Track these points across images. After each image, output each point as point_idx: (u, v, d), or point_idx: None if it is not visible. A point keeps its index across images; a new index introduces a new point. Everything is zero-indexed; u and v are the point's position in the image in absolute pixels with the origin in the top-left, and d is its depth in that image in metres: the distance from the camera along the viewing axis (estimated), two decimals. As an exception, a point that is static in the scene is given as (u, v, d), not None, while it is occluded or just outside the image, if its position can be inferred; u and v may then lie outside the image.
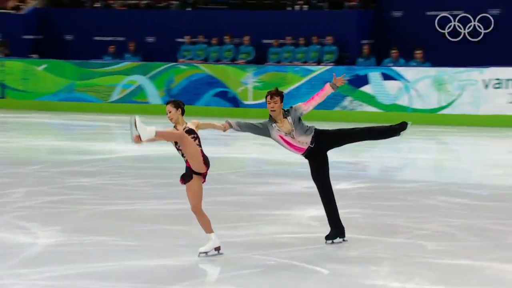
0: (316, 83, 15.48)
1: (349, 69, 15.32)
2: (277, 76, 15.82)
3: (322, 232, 6.32)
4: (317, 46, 16.61)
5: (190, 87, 16.42)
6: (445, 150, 12.61)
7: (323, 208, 6.17)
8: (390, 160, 10.82)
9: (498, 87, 14.25)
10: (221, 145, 12.39)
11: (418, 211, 7.10)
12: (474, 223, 6.60)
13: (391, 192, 8.17)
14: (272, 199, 7.64)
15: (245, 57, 17.16)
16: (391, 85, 14.96)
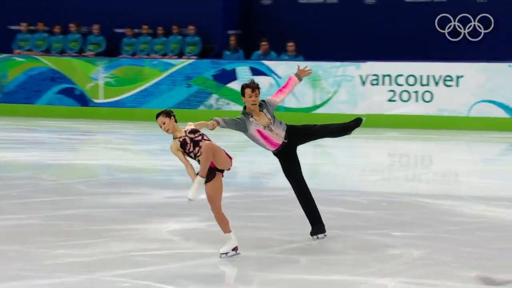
0: (178, 78, 15.48)
1: (215, 63, 15.44)
2: (133, 70, 15.67)
3: (184, 248, 6.31)
4: (178, 36, 16.60)
5: (28, 83, 15.89)
6: (320, 153, 12.99)
7: (300, 205, 6.71)
8: (262, 166, 10.99)
9: (375, 84, 14.88)
10: (67, 150, 12.08)
11: (291, 222, 7.25)
12: (351, 234, 6.83)
13: (262, 201, 8.29)
14: (126, 212, 7.54)
15: (95, 48, 16.84)
16: (261, 81, 15.23)
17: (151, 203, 7.97)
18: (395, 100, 14.78)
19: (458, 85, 14.50)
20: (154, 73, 15.59)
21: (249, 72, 15.27)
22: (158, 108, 12.85)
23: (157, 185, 8.96)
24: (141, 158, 11.31)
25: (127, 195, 8.39)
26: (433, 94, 14.62)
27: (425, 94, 14.68)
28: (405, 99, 14.76)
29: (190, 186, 6.05)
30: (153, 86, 15.58)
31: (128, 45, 16.80)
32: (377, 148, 13.00)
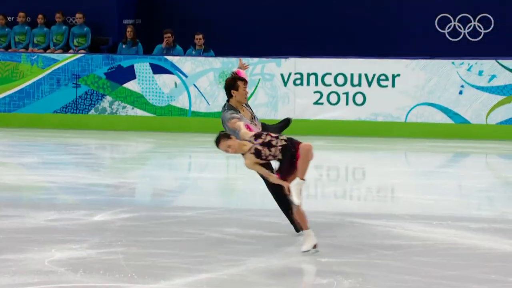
0: (63, 77, 15.30)
1: (108, 59, 15.34)
2: (6, 67, 15.43)
3: (69, 280, 6.24)
4: (63, 26, 16.43)
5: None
6: (235, 166, 13.05)
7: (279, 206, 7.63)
8: (164, 181, 10.97)
9: (299, 84, 15.06)
10: None
11: (199, 248, 7.27)
12: (271, 260, 6.89)
13: (164, 223, 8.28)
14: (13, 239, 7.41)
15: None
16: (164, 80, 15.21)
17: (30, 228, 7.86)
18: (322, 103, 14.98)
19: (394, 86, 14.81)
20: (34, 71, 15.36)
21: (150, 69, 15.23)
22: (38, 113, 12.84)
23: (38, 206, 8.83)
24: (19, 173, 11.12)
25: (1, 218, 8.24)
26: (366, 96, 14.89)
27: (356, 96, 14.94)
28: (334, 101, 14.98)
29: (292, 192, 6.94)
30: (32, 86, 15.34)
31: (0, 36, 16.52)
32: (301, 159, 13.14)
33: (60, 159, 12.68)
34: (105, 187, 10.20)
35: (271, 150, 7.02)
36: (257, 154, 7.03)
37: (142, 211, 8.76)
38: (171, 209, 8.97)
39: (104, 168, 11.98)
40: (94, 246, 7.18)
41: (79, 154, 13.28)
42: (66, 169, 11.56)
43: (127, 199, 9.63)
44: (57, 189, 10.04)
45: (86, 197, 9.57)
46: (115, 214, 8.55)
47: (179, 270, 6.61)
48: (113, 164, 12.53)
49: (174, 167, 12.56)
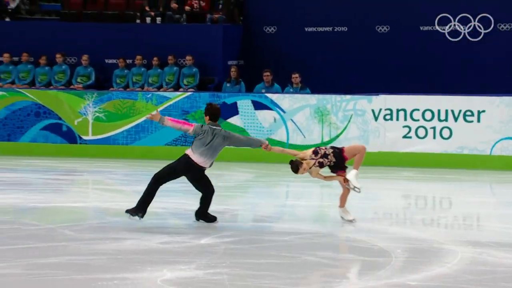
0: (174, 113, 15.54)
1: (214, 96, 15.51)
2: (124, 104, 15.74)
3: (180, 299, 6.29)
4: (174, 67, 16.72)
5: (10, 119, 15.96)
6: (328, 195, 12.98)
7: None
8: (264, 208, 10.98)
9: (389, 119, 14.91)
10: (52, 191, 12.11)
11: (296, 270, 7.24)
12: (364, 285, 6.80)
13: (264, 247, 8.28)
14: (116, 260, 7.53)
15: (83, 80, 16.95)
16: (264, 115, 15.29)
17: (143, 250, 7.96)
18: (411, 136, 14.80)
19: (480, 121, 14.53)
20: (148, 107, 15.66)
21: (251, 106, 15.33)
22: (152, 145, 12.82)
23: (151, 230, 8.95)
24: (134, 200, 11.31)
25: (118, 240, 8.37)
26: (452, 130, 14.65)
27: (443, 130, 14.71)
28: (422, 135, 14.78)
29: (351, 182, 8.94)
30: (146, 121, 15.63)
31: (120, 77, 16.90)
32: (391, 189, 12.99)
33: (170, 187, 12.82)
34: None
35: (328, 158, 9.06)
36: (321, 165, 9.04)
37: (244, 235, 8.78)
38: (270, 234, 8.97)
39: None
40: (201, 267, 7.22)
41: (186, 183, 13.38)
42: (175, 196, 11.69)
43: (230, 225, 9.68)
44: (168, 214, 10.16)
45: (194, 222, 9.65)
46: (219, 238, 8.59)
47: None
48: (217, 192, 12.61)
49: (273, 195, 12.57)
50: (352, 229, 9.34)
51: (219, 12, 17.23)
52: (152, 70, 16.79)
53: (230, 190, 12.89)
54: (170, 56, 16.66)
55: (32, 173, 14.11)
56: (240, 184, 13.81)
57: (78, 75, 16.97)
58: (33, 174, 13.98)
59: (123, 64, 16.88)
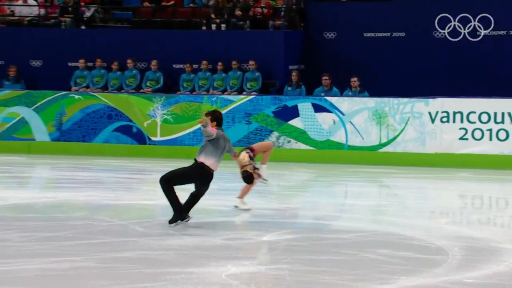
0: (237, 115, 15.63)
1: (276, 99, 15.55)
2: (191, 107, 15.87)
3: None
4: (237, 72, 16.81)
5: (85, 120, 16.26)
6: (386, 194, 12.90)
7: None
8: (324, 207, 10.97)
9: (445, 121, 14.75)
10: (123, 189, 12.29)
11: (354, 267, 7.22)
12: (421, 281, 6.76)
13: (324, 244, 8.28)
14: (183, 255, 7.62)
15: (152, 84, 17.17)
16: (324, 118, 15.26)
17: (208, 246, 8.03)
18: (467, 138, 14.60)
19: (536, 123, 14.27)
20: (213, 110, 15.75)
21: (311, 108, 15.32)
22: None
23: (216, 227, 9.02)
24: (201, 199, 11.41)
25: (184, 237, 8.47)
26: (509, 132, 14.41)
27: (499, 132, 14.47)
28: (478, 137, 14.57)
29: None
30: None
31: (186, 81, 17.06)
32: (447, 189, 12.84)
33: (234, 186, 12.92)
34: (272, 211, 10.31)
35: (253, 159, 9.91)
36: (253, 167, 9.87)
37: (304, 233, 8.79)
38: (329, 232, 8.96)
39: (272, 194, 12.11)
40: (263, 263, 7.26)
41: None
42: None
43: (291, 222, 9.70)
44: (232, 212, 10.24)
45: (256, 219, 9.70)
46: (281, 235, 8.62)
47: (337, 286, 6.59)
48: (279, 191, 12.64)
49: (332, 194, 12.55)
50: (409, 227, 9.27)
51: (281, 19, 17.26)
52: (217, 74, 16.91)
53: (291, 189, 12.91)
54: (234, 61, 16.75)
55: (104, 172, 14.35)
56: (301, 184, 13.81)
57: (147, 80, 17.19)
58: (105, 173, 14.21)
59: (189, 69, 17.04)
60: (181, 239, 8.28)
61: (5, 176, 13.78)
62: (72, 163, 15.13)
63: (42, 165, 15.39)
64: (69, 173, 14.02)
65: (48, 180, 13.86)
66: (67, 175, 13.86)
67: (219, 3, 17.68)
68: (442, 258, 7.46)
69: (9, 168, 14.54)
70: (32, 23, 18.24)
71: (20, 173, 14.11)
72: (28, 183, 13.35)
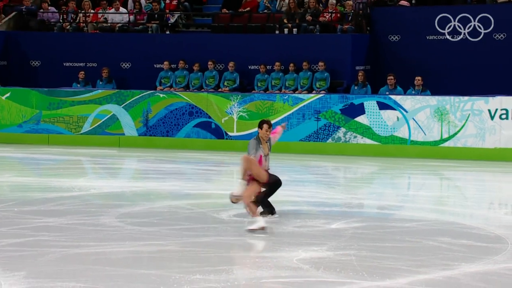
0: (307, 112, 15.58)
1: (343, 98, 15.44)
2: (264, 105, 15.91)
3: (313, 276, 6.33)
4: (308, 72, 16.75)
5: (169, 117, 16.47)
6: (447, 186, 12.68)
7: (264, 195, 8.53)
8: (387, 197, 10.86)
9: (504, 118, 14.40)
10: (203, 180, 12.40)
11: (417, 253, 7.12)
12: (481, 268, 6.62)
13: (388, 232, 8.19)
14: (258, 240, 7.64)
15: (230, 84, 17.26)
16: (388, 115, 15.09)
17: (281, 232, 8.04)
18: (525, 134, 14.22)
19: None
20: (285, 108, 15.77)
21: (376, 106, 15.15)
22: (287, 141, 13.02)
23: (288, 215, 9.02)
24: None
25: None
26: None
27: (556, 128, 14.05)
28: (535, 133, 14.17)
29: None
30: (283, 119, 15.73)
31: (260, 81, 17.10)
32: (505, 182, 12.54)
33: (304, 178, 12.90)
34: (339, 201, 10.26)
35: None
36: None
37: (369, 221, 8.72)
38: (393, 221, 8.86)
39: (339, 185, 12.05)
40: (331, 249, 7.23)
41: (319, 174, 13.45)
42: (309, 186, 11.73)
43: (357, 211, 9.63)
44: (302, 202, 10.22)
45: (324, 208, 9.66)
46: (348, 223, 8.57)
47: (401, 271, 6.51)
48: (346, 183, 12.57)
49: (396, 186, 12.41)
50: (469, 217, 9.08)
51: (348, 23, 17.14)
52: (288, 74, 16.90)
53: (357, 181, 12.82)
54: (305, 62, 16.70)
55: (186, 164, 14.51)
56: (366, 176, 13.70)
57: (225, 80, 17.30)
58: (187, 165, 14.37)
59: (263, 70, 17.07)
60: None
61: (98, 167, 14.08)
62: (157, 155, 15.35)
63: (130, 157, 15.67)
64: (155, 165, 14.23)
65: (136, 171, 14.09)
66: (153, 166, 14.07)
67: (291, 9, 17.66)
68: (502, 246, 7.28)
69: (101, 160, 14.85)
70: (123, 29, 18.57)
71: (111, 165, 14.39)
72: (118, 174, 13.60)
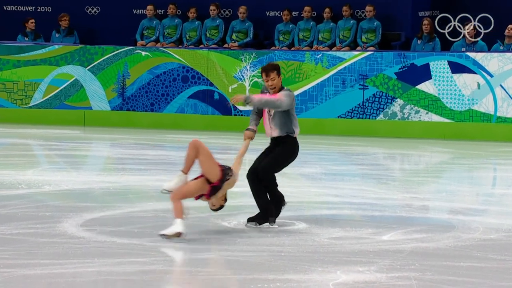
0: (349, 77, 15.57)
1: (400, 57, 15.43)
2: (289, 67, 15.94)
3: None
4: (350, 21, 16.73)
5: (154, 85, 16.51)
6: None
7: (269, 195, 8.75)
8: (463, 197, 10.92)
9: None
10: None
11: (505, 277, 7.14)
12: None
13: (464, 247, 8.22)
14: (280, 257, 7.68)
15: (240, 38, 17.28)
16: (465, 80, 15.06)
17: (312, 246, 8.06)
18: None
19: None
20: (318, 71, 15.77)
21: (449, 68, 15.13)
22: (321, 117, 13.00)
23: (320, 222, 9.05)
24: (299, 185, 11.46)
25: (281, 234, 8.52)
26: None
27: None
28: None
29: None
30: (315, 88, 15.74)
31: (283, 34, 17.09)
32: None
33: (344, 170, 12.91)
34: (395, 203, 10.27)
35: None
36: None
37: (437, 231, 8.73)
38: (471, 230, 8.87)
39: (394, 181, 12.06)
40: (383, 270, 7.24)
41: (365, 164, 13.47)
42: (352, 181, 11.75)
43: (420, 217, 9.64)
44: (342, 203, 10.23)
45: (373, 213, 9.68)
46: (406, 233, 8.58)
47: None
48: (404, 177, 12.58)
49: (476, 181, 12.40)
50: None
51: (407, -49, 17.09)
52: (322, 24, 16.86)
53: (419, 175, 12.83)
54: (345, 7, 16.67)
55: (178, 151, 14.54)
56: (433, 167, 13.70)
57: (233, 31, 17.31)
58: (180, 152, 14.39)
59: (287, 18, 17.06)
60: (277, 237, 8.34)
61: (56, 155, 14.15)
62: (137, 138, 15.41)
63: (100, 140, 15.73)
64: (134, 152, 14.28)
65: (107, 161, 14.16)
66: (132, 154, 14.12)
67: None
68: None
69: (59, 144, 14.92)
70: (88, -40, 18.62)
71: (73, 151, 14.46)
72: (83, 164, 13.67)
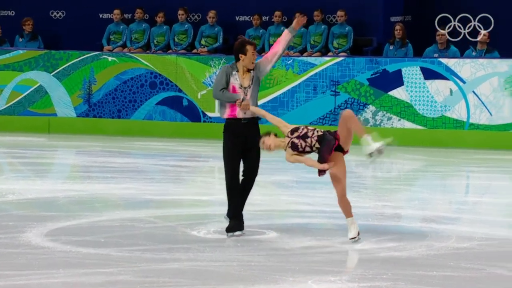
0: (320, 83, 15.59)
1: (372, 62, 15.46)
2: (259, 73, 15.90)
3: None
4: (321, 26, 16.76)
5: (121, 91, 16.46)
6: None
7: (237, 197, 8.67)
8: (436, 206, 10.93)
9: None
10: (169, 181, 12.44)
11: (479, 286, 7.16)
12: None
13: (437, 255, 8.23)
14: (249, 267, 7.67)
15: (209, 43, 17.26)
16: (437, 86, 15.11)
17: (282, 255, 8.06)
18: None
19: None
20: (288, 77, 15.78)
21: (421, 74, 15.17)
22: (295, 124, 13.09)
23: (291, 230, 9.04)
24: (270, 193, 11.45)
25: (251, 243, 8.50)
26: None
27: None
28: None
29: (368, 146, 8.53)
30: (286, 94, 15.75)
31: (253, 39, 17.06)
32: None
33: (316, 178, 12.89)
34: (367, 211, 10.28)
35: (307, 141, 8.43)
36: (294, 147, 8.44)
37: (410, 239, 8.75)
38: (445, 239, 8.89)
39: (366, 188, 12.07)
40: (355, 279, 7.25)
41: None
42: (324, 189, 11.74)
43: (392, 225, 9.66)
44: (314, 212, 10.23)
45: (345, 221, 9.68)
46: (378, 242, 8.60)
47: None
48: (375, 185, 12.60)
49: (448, 189, 12.44)
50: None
51: (379, -45, 17.15)
52: (274, 27, 16.87)
53: (393, 183, 12.85)
54: (317, 12, 16.69)
55: (146, 158, 14.51)
56: (406, 175, 13.73)
57: (202, 36, 17.30)
58: (147, 160, 14.37)
59: (258, 22, 17.05)
60: (246, 246, 8.33)
61: (20, 163, 14.07)
62: (104, 145, 15.34)
63: (65, 148, 15.65)
64: (101, 159, 14.23)
65: (73, 168, 14.10)
66: (98, 161, 14.07)
67: None
68: None
69: (24, 152, 14.84)
70: (53, -38, 18.56)
71: (38, 159, 14.38)
72: (48, 172, 13.60)
